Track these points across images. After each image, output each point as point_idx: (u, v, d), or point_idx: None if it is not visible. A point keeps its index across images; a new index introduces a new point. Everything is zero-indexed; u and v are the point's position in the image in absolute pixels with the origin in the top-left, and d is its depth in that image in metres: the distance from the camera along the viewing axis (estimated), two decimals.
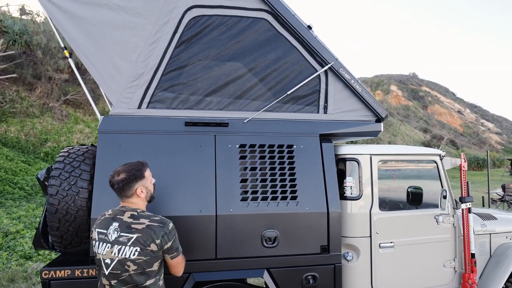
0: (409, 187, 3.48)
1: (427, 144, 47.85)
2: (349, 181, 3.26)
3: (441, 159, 3.56)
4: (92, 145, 3.11)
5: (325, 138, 3.25)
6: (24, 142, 15.18)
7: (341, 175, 3.33)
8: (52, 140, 15.99)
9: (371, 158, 3.30)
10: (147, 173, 2.29)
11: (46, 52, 17.67)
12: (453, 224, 3.54)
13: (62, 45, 3.20)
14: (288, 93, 3.18)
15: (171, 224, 2.20)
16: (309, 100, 3.27)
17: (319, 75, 3.27)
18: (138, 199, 2.24)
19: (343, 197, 3.24)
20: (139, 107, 2.98)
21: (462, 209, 3.55)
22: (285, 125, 3.16)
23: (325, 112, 3.29)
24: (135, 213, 2.17)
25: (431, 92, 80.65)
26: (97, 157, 2.77)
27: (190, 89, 3.06)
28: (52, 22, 3.03)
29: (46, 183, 2.79)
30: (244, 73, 3.15)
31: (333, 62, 3.23)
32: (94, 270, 2.61)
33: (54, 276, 2.55)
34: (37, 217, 8.74)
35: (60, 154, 2.83)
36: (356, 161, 3.29)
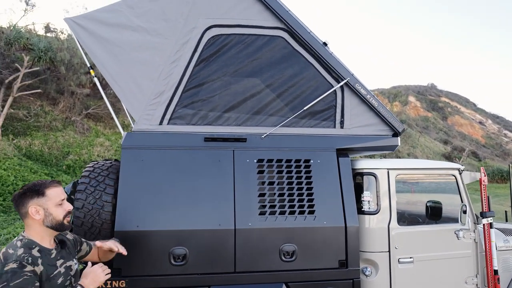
0: (428, 201, 3.46)
1: (447, 156, 46.83)
2: (366, 196, 3.27)
3: (460, 173, 3.53)
4: (115, 160, 3.23)
5: (342, 152, 3.28)
6: (47, 155, 15.63)
7: (359, 190, 3.34)
8: (74, 153, 16.40)
9: (388, 172, 3.31)
10: (52, 192, 1.97)
11: (69, 68, 18.25)
12: (474, 239, 3.49)
13: (88, 65, 3.35)
14: (305, 108, 3.24)
15: (9, 266, 1.76)
16: (325, 115, 3.32)
17: (335, 90, 3.32)
18: (33, 222, 1.92)
19: (361, 211, 3.25)
20: (161, 123, 3.09)
21: (484, 224, 3.49)
22: (302, 140, 3.21)
23: (342, 127, 3.33)
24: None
25: (450, 103, 79.22)
26: (120, 172, 2.88)
27: (209, 106, 3.15)
28: (79, 43, 3.19)
29: (72, 197, 2.91)
30: (262, 89, 3.23)
31: (348, 78, 3.28)
32: (117, 281, 2.69)
33: None
34: None
35: (86, 169, 2.95)
36: (373, 176, 3.30)
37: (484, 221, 3.48)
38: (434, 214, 3.38)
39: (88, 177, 2.85)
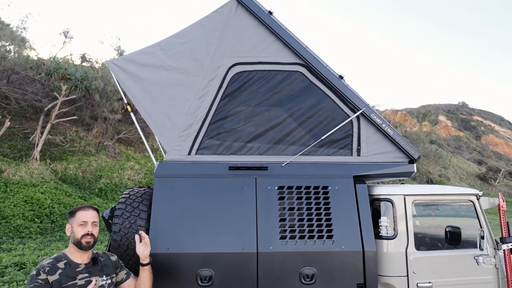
0: (447, 227, 3.54)
1: (482, 177, 45.09)
2: (383, 221, 3.39)
3: (478, 199, 3.60)
4: (148, 187, 3.52)
5: (359, 179, 3.44)
6: (81, 178, 16.37)
7: (377, 215, 3.47)
8: (106, 176, 17.09)
9: (404, 198, 3.43)
10: (80, 214, 2.39)
11: (103, 95, 19.27)
12: (495, 265, 3.51)
13: (126, 102, 3.71)
14: (323, 138, 3.45)
15: (32, 272, 2.24)
16: (343, 143, 3.51)
17: (351, 120, 3.51)
18: (69, 239, 2.41)
19: (378, 236, 3.37)
20: (189, 153, 3.37)
21: (504, 250, 3.52)
22: (320, 168, 3.41)
23: (359, 155, 3.50)
24: None
25: (484, 122, 76.80)
26: (153, 198, 3.16)
27: (233, 137, 3.42)
28: (118, 82, 3.56)
29: (110, 221, 3.20)
30: (282, 120, 3.48)
31: (364, 108, 3.48)
32: None
33: None
34: None
35: (122, 195, 3.25)
36: (390, 201, 3.43)
37: (504, 246, 3.51)
38: (453, 239, 3.45)
39: (124, 203, 3.14)
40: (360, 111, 3.48)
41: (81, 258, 2.39)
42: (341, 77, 3.56)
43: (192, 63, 3.47)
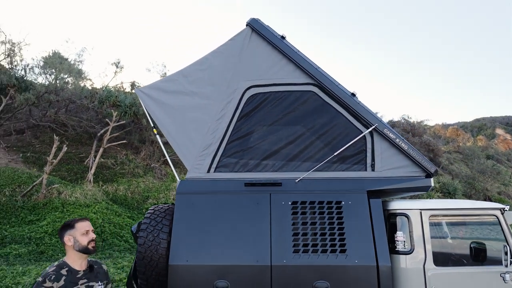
0: (471, 243, 3.44)
1: None
2: (399, 236, 3.38)
3: (502, 213, 3.48)
4: (172, 203, 3.79)
5: (373, 194, 3.48)
6: (130, 199, 17.27)
7: (394, 230, 3.46)
8: (153, 197, 17.89)
9: (421, 213, 3.40)
10: (79, 225, 2.68)
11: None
12: None
13: (152, 125, 4.06)
14: (335, 154, 3.55)
15: (38, 279, 2.51)
16: (356, 159, 3.58)
17: (364, 136, 3.58)
18: (68, 248, 2.65)
19: (394, 251, 3.36)
20: (208, 171, 3.62)
21: None
22: (333, 183, 3.49)
23: (373, 170, 3.55)
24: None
25: None
26: (175, 214, 3.41)
27: (249, 155, 3.62)
28: (145, 107, 3.93)
29: (137, 235, 3.49)
30: (296, 138, 3.63)
31: (376, 124, 3.54)
32: None
33: None
34: None
35: (148, 211, 3.54)
36: (406, 216, 3.42)
37: None
38: (478, 255, 3.35)
39: (149, 218, 3.43)
40: (373, 126, 3.55)
41: (80, 265, 2.68)
42: (353, 94, 3.66)
43: (211, 88, 3.76)
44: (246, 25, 3.84)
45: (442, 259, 3.41)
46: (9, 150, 17.52)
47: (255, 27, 3.78)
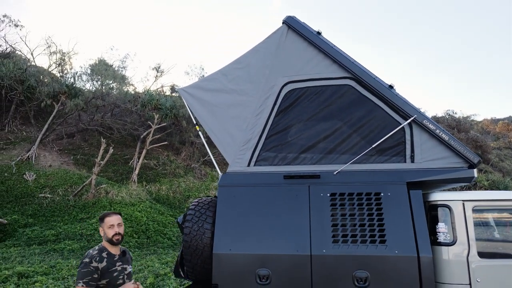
0: None
1: None
2: (441, 227, 3.35)
3: None
4: (215, 196, 3.98)
5: (414, 185, 3.46)
6: (172, 198, 17.88)
7: (435, 221, 3.43)
8: (193, 196, 18.41)
9: (463, 204, 3.35)
10: (107, 219, 3.07)
11: (189, 121, 21.00)
12: None
13: (194, 122, 4.28)
14: (373, 146, 3.56)
15: (85, 260, 2.89)
16: (395, 151, 3.58)
17: (403, 127, 3.58)
18: (102, 237, 3.09)
19: (436, 242, 3.33)
20: (248, 165, 3.76)
21: None
22: (372, 175, 3.51)
23: (412, 161, 3.53)
24: None
25: None
26: (217, 205, 3.59)
27: (288, 149, 3.72)
28: (188, 106, 4.14)
29: (183, 225, 3.70)
30: (333, 131, 3.68)
31: (415, 115, 3.52)
32: None
33: None
34: None
35: (193, 203, 3.74)
36: (447, 207, 3.37)
37: None
38: None
39: (194, 210, 3.62)
40: (412, 118, 3.53)
41: (115, 250, 3.10)
42: (391, 86, 3.66)
43: (249, 85, 3.90)
44: (282, 22, 3.95)
45: (487, 251, 3.34)
46: (61, 153, 18.72)
47: (291, 24, 3.88)
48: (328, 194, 3.48)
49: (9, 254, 10.10)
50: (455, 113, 31.32)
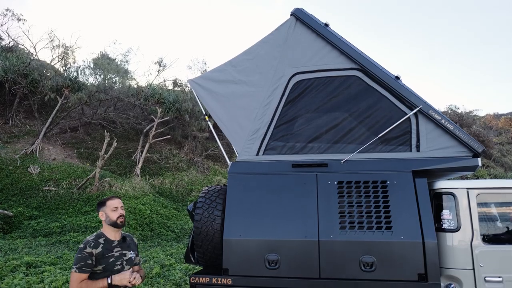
0: None
1: None
2: (445, 214, 3.44)
3: None
4: (224, 185, 4.07)
5: (419, 174, 3.54)
6: (175, 192, 18.00)
7: (440, 209, 3.52)
8: (196, 190, 18.53)
9: (468, 192, 3.43)
10: (110, 202, 3.02)
11: (192, 116, 21.09)
12: None
13: (204, 112, 4.36)
14: (380, 136, 3.65)
15: (81, 246, 2.87)
16: (401, 140, 3.66)
17: (409, 117, 3.66)
18: (103, 222, 3.04)
19: (441, 229, 3.42)
20: (257, 154, 3.85)
21: None
22: (378, 163, 3.60)
23: (418, 151, 3.61)
24: None
25: None
26: (227, 193, 3.68)
27: (296, 138, 3.81)
28: (197, 97, 4.22)
29: (193, 213, 3.80)
30: (340, 121, 3.76)
31: (421, 106, 3.60)
32: (225, 279, 3.40)
33: (198, 281, 3.43)
34: None
35: (203, 191, 3.84)
36: (452, 195, 3.46)
37: None
38: None
39: (204, 197, 3.72)
40: (418, 108, 3.61)
41: (114, 236, 3.04)
42: (397, 77, 3.74)
43: (258, 76, 3.98)
44: (291, 14, 4.02)
45: (490, 237, 3.43)
46: (65, 146, 18.83)
47: (299, 16, 3.95)
48: (336, 182, 3.57)
49: (16, 245, 10.24)
50: (458, 108, 31.37)
